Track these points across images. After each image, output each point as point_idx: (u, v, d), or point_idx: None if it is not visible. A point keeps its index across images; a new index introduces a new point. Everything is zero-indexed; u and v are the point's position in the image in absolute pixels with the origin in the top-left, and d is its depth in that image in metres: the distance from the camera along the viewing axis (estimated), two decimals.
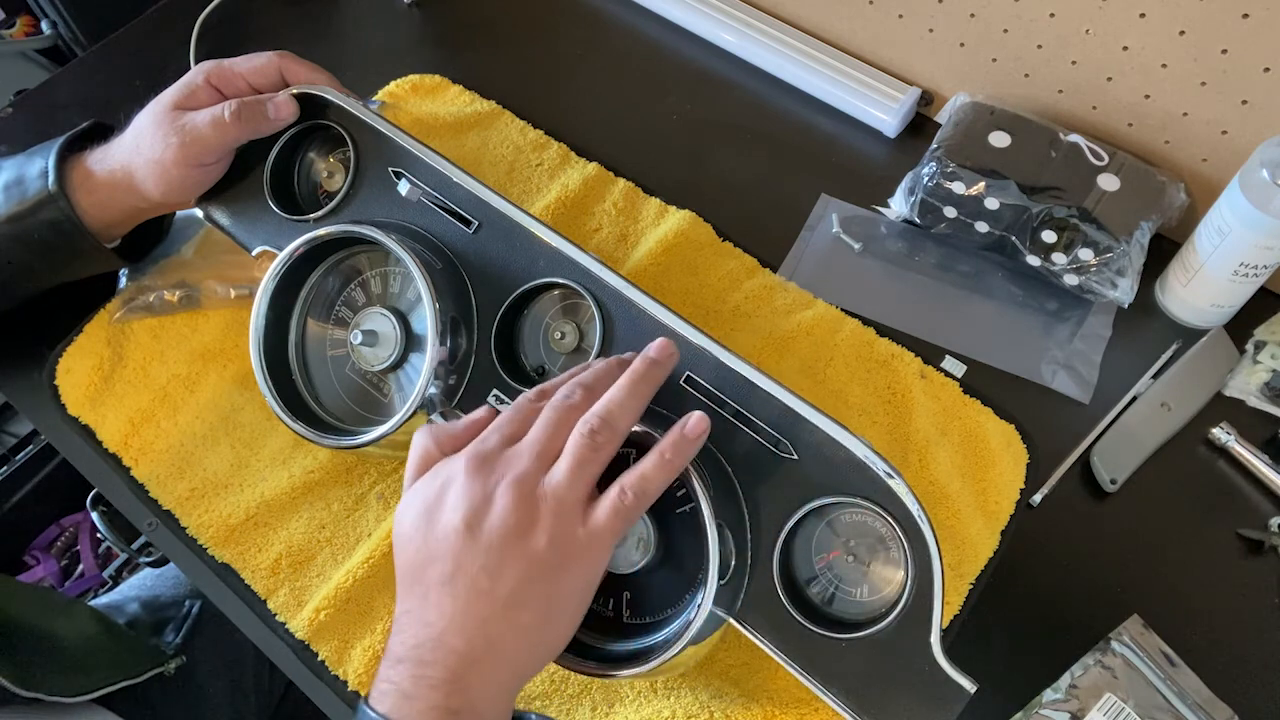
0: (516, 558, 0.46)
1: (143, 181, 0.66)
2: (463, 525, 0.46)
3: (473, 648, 0.46)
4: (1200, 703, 0.59)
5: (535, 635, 0.47)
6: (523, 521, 0.46)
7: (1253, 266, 0.70)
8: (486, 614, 0.46)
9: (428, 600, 0.47)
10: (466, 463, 0.48)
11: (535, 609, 0.47)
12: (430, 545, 0.47)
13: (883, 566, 0.54)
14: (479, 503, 0.46)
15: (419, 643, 0.46)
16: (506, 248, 0.62)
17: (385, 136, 0.66)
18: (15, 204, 0.67)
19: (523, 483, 0.47)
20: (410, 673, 0.46)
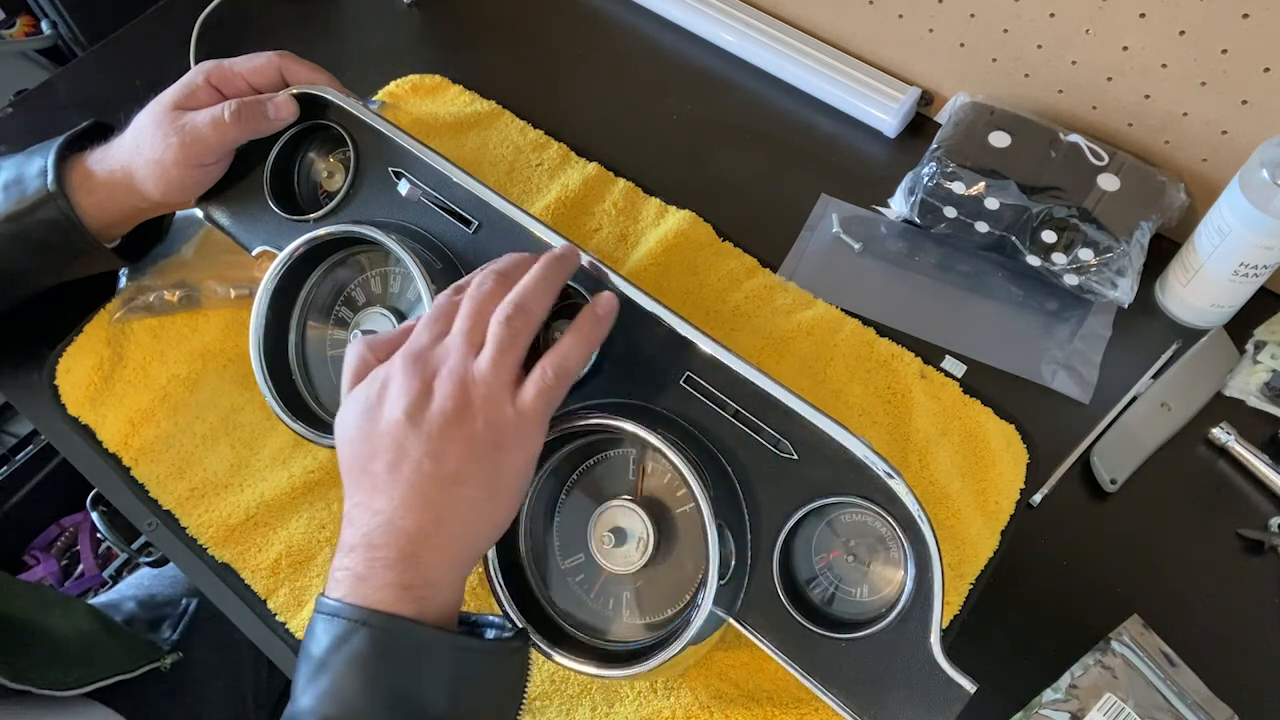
0: (457, 440, 0.49)
1: (142, 182, 0.66)
2: (405, 416, 0.49)
3: (422, 526, 0.48)
4: (1200, 703, 0.59)
5: (481, 509, 0.50)
6: (460, 407, 0.49)
7: (1253, 266, 0.70)
8: (434, 493, 0.48)
9: (376, 490, 0.49)
10: (403, 361, 0.51)
11: (479, 485, 0.49)
12: (375, 440, 0.49)
13: (883, 566, 0.54)
14: (418, 394, 0.49)
15: (370, 529, 0.48)
16: (506, 247, 0.62)
17: (385, 136, 0.66)
18: (14, 203, 0.67)
19: (456, 372, 0.50)
20: (364, 557, 0.48)
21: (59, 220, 0.67)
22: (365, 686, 0.46)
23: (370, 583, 0.47)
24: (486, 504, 0.50)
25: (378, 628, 0.46)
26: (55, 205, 0.66)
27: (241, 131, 0.65)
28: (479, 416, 0.49)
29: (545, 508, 0.59)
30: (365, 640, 0.46)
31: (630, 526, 0.55)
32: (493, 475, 0.50)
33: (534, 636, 0.55)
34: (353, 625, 0.46)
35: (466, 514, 0.49)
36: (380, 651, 0.46)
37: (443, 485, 0.48)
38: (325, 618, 0.47)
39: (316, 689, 0.46)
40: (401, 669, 0.46)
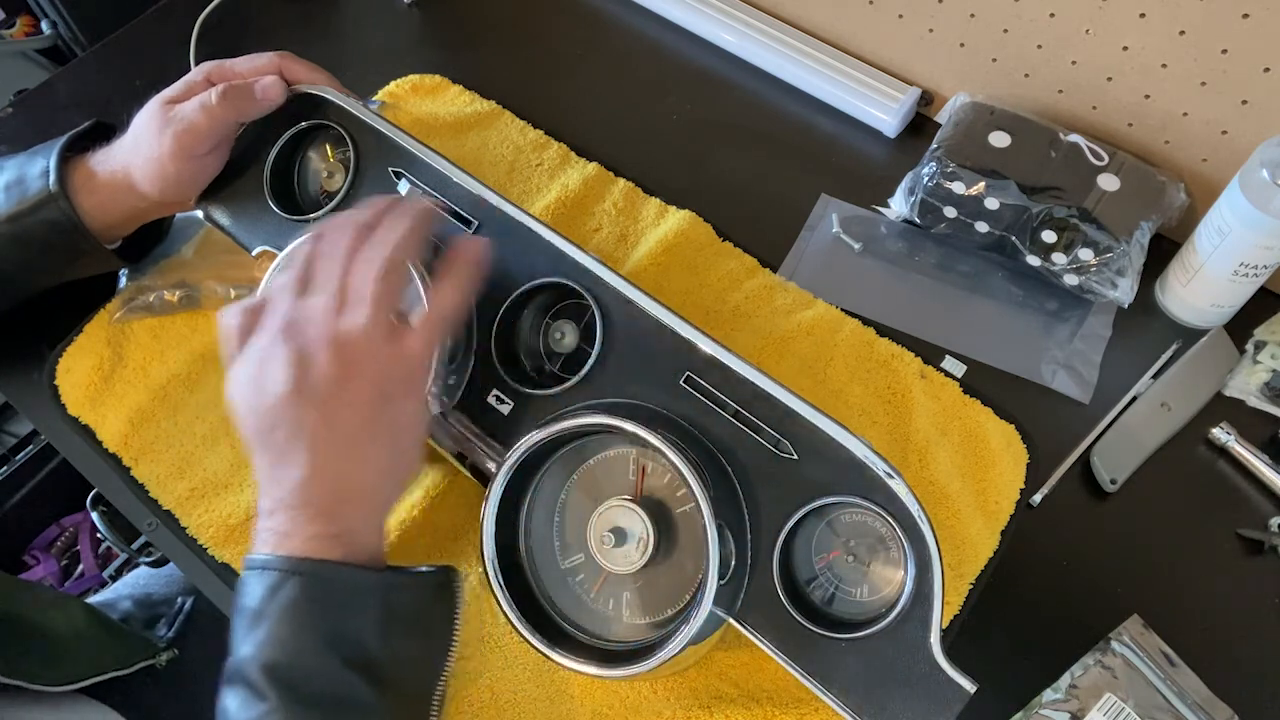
0: (346, 402, 0.50)
1: (141, 180, 0.66)
2: (291, 389, 0.50)
3: (334, 486, 0.50)
4: (1200, 703, 0.59)
5: (384, 461, 0.52)
6: (342, 369, 0.50)
7: (1253, 266, 0.70)
8: (336, 456, 0.50)
9: (283, 458, 0.51)
10: (277, 332, 0.52)
11: (378, 439, 0.52)
12: (269, 413, 0.51)
13: (882, 566, 0.54)
14: (298, 364, 0.50)
15: (285, 494, 0.50)
16: (506, 247, 0.62)
17: (385, 136, 0.66)
18: (15, 204, 0.67)
19: (333, 335, 0.51)
20: (285, 517, 0.50)
21: (60, 221, 0.66)
22: (302, 629, 0.48)
23: (295, 538, 0.50)
24: (388, 455, 0.52)
25: (308, 574, 0.49)
26: (56, 206, 0.66)
27: (228, 112, 0.64)
28: (363, 375, 0.51)
29: (545, 508, 0.59)
30: (298, 587, 0.49)
31: (630, 526, 0.55)
32: (389, 427, 0.52)
33: (534, 637, 0.55)
34: (284, 575, 0.49)
35: (371, 468, 0.52)
36: (313, 595, 0.49)
37: (343, 447, 0.50)
38: (257, 572, 0.49)
39: (255, 638, 0.48)
40: (334, 610, 0.49)
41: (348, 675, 0.49)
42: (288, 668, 0.48)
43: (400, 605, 0.51)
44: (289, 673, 0.48)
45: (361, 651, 0.49)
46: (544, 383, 0.61)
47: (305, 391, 0.50)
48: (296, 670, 0.48)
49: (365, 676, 0.49)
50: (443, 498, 0.67)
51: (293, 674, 0.48)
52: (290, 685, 0.48)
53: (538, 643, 0.55)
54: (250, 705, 0.48)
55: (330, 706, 0.48)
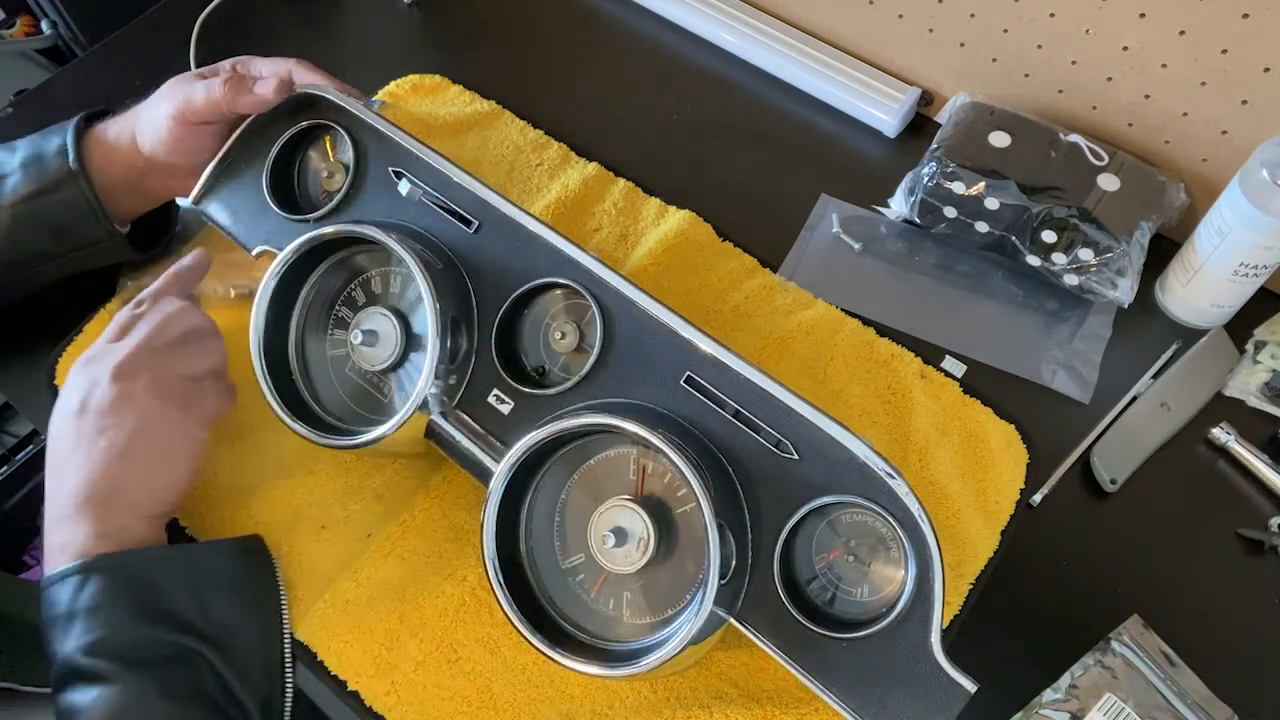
0: (116, 418, 0.57)
1: (140, 135, 0.69)
2: (77, 407, 0.58)
3: (99, 491, 0.56)
4: (1200, 703, 0.59)
5: (145, 477, 0.58)
6: (116, 393, 0.58)
7: (1253, 266, 0.70)
8: (104, 464, 0.57)
9: (63, 473, 0.57)
10: (76, 365, 0.60)
11: (139, 458, 0.58)
12: (60, 431, 0.59)
13: (883, 566, 0.54)
14: (86, 389, 0.58)
15: (57, 509, 0.57)
16: (507, 247, 0.62)
17: (386, 136, 0.66)
18: (35, 181, 0.68)
19: (115, 367, 0.59)
20: (60, 531, 0.56)
21: (77, 200, 0.68)
22: (114, 611, 0.53)
23: (72, 546, 0.55)
24: (145, 466, 0.58)
25: (103, 567, 0.54)
26: (75, 184, 0.68)
27: (225, 98, 0.66)
28: (128, 398, 0.58)
29: (546, 508, 0.59)
30: (99, 580, 0.54)
31: (631, 526, 0.55)
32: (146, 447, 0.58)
33: (534, 637, 0.55)
34: (83, 576, 0.54)
35: (133, 476, 0.58)
36: (115, 580, 0.54)
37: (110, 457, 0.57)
38: (56, 584, 0.54)
39: (74, 634, 0.53)
40: (138, 589, 0.54)
41: (168, 634, 0.54)
42: (113, 644, 0.53)
43: (205, 572, 0.57)
44: (116, 648, 0.53)
45: (176, 615, 0.54)
46: (544, 383, 0.61)
47: (84, 413, 0.58)
48: (119, 643, 0.53)
49: (188, 634, 0.54)
50: (443, 498, 0.67)
51: (120, 648, 0.53)
52: (120, 657, 0.52)
53: (538, 642, 0.55)
54: (88, 690, 0.52)
55: (164, 665, 0.53)
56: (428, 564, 0.65)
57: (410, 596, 0.64)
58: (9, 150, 0.70)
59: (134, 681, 0.52)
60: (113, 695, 0.51)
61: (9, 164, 0.69)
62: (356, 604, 0.64)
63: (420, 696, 0.61)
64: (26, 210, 0.68)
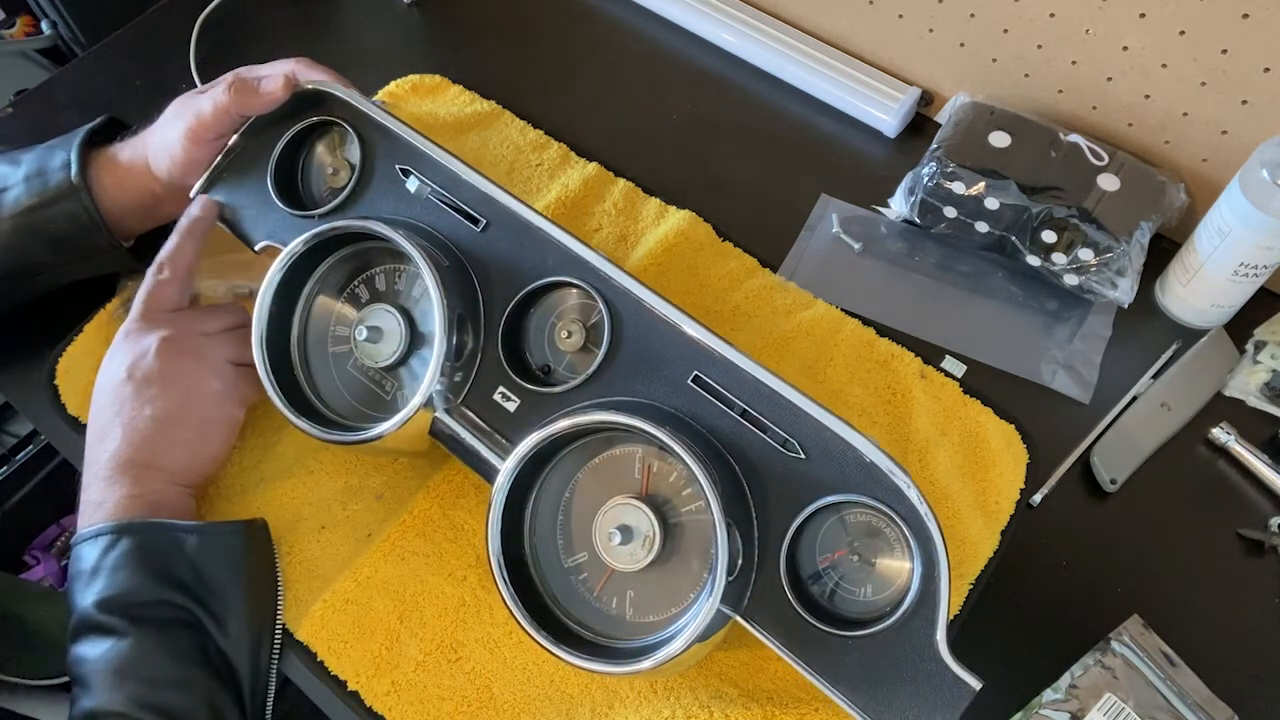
0: (162, 388, 0.62)
1: (154, 161, 0.69)
2: (124, 374, 0.62)
3: (140, 456, 0.60)
4: (1200, 703, 0.59)
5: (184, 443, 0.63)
6: (164, 365, 0.62)
7: (1253, 266, 0.70)
8: (149, 432, 0.61)
9: (106, 434, 0.61)
10: (120, 335, 0.64)
11: (185, 422, 0.62)
12: (106, 394, 0.62)
13: (889, 565, 0.54)
14: (134, 358, 0.62)
15: (98, 468, 0.60)
16: (514, 246, 0.62)
17: (393, 133, 0.66)
18: (37, 195, 0.68)
19: (163, 340, 0.63)
20: (97, 489, 0.60)
21: (79, 214, 0.68)
22: (135, 572, 0.57)
23: (107, 504, 0.59)
24: (181, 433, 0.62)
25: (134, 530, 0.58)
26: (77, 198, 0.68)
27: (232, 104, 0.66)
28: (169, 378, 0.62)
29: (550, 505, 0.59)
30: (128, 542, 0.57)
31: (636, 524, 0.55)
32: (184, 406, 0.62)
33: (539, 634, 0.55)
34: (115, 536, 0.58)
35: (173, 442, 0.62)
36: (142, 545, 0.58)
37: (149, 422, 0.61)
38: (89, 540, 0.58)
39: (94, 589, 0.57)
40: (160, 554, 0.58)
41: (180, 599, 0.57)
42: (127, 603, 0.56)
43: (218, 546, 0.60)
44: (128, 606, 0.56)
45: (188, 583, 0.58)
46: (550, 381, 0.61)
47: (129, 380, 0.61)
48: (134, 602, 0.57)
49: (195, 602, 0.58)
50: (444, 497, 0.67)
51: (131, 606, 0.56)
52: (132, 614, 0.56)
53: (542, 640, 0.55)
54: (99, 642, 0.56)
55: (172, 626, 0.57)
56: (428, 564, 0.65)
57: (410, 596, 0.64)
58: (14, 163, 0.70)
59: (143, 637, 0.56)
60: (122, 648, 0.55)
61: (12, 176, 0.69)
62: (356, 604, 0.64)
63: (420, 696, 0.61)
64: (27, 222, 0.68)
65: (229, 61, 0.73)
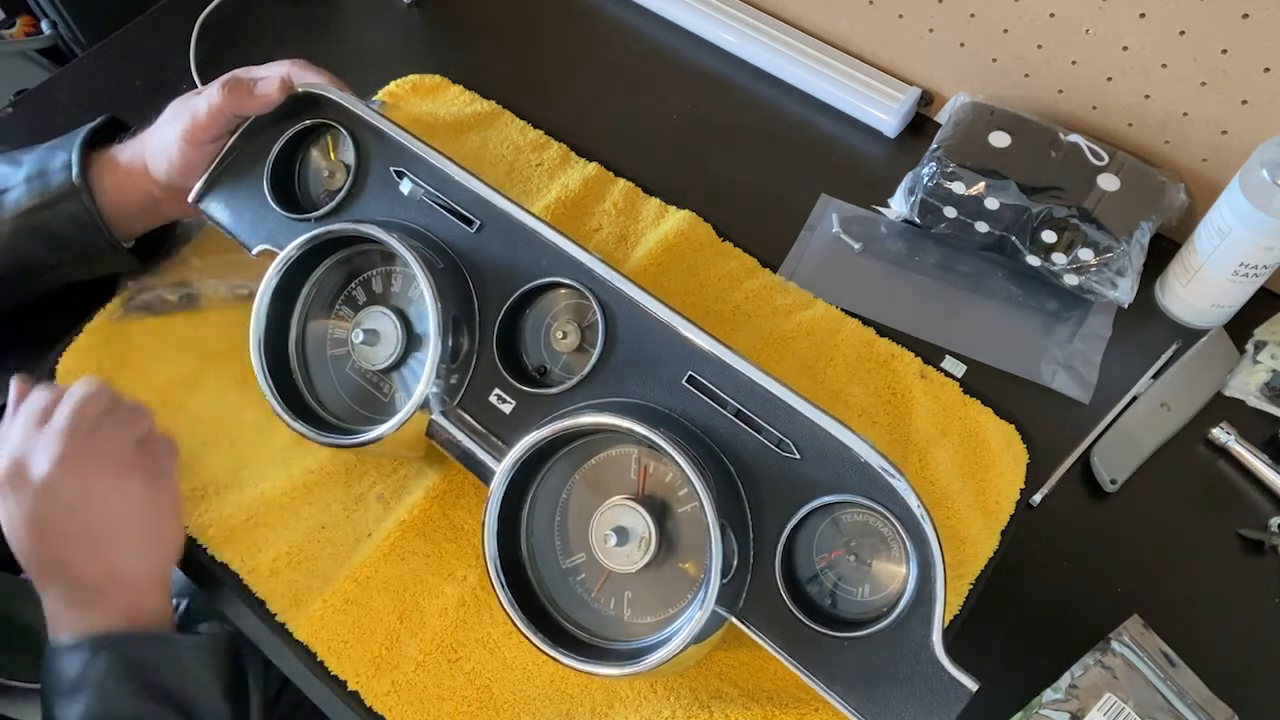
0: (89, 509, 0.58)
1: (152, 163, 0.68)
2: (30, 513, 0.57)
3: (99, 579, 0.57)
4: (1200, 703, 0.59)
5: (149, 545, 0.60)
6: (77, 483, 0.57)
7: (1253, 266, 0.70)
8: (100, 556, 0.58)
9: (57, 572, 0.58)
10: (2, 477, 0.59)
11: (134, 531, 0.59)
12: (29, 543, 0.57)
13: (885, 565, 0.54)
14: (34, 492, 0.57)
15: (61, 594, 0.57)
16: (509, 247, 0.62)
17: (387, 135, 0.66)
18: (38, 196, 0.68)
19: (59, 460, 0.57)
20: (68, 611, 0.57)
21: (80, 215, 0.68)
22: (120, 687, 0.55)
23: (87, 620, 0.56)
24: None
25: (116, 644, 0.56)
26: (78, 200, 0.68)
27: (226, 103, 0.66)
28: None
29: (547, 507, 0.59)
30: (109, 657, 0.55)
31: (632, 526, 0.55)
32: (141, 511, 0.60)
33: (536, 637, 0.55)
34: (95, 650, 0.55)
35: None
36: (125, 659, 0.56)
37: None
38: (66, 651, 0.56)
39: (79, 704, 0.55)
40: (143, 669, 0.56)
41: (163, 711, 0.56)
42: (111, 718, 0.54)
43: (194, 658, 0.59)
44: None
45: (170, 693, 0.56)
46: (546, 382, 0.61)
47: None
48: (118, 718, 0.55)
49: (179, 714, 0.56)
50: (443, 498, 0.67)
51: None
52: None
53: (539, 642, 0.55)
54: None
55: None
56: (428, 564, 0.65)
57: (410, 596, 0.64)
58: (14, 164, 0.70)
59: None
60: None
61: (13, 178, 0.69)
62: (356, 604, 0.64)
63: (420, 696, 0.61)
64: (28, 223, 0.68)
65: (229, 61, 0.73)
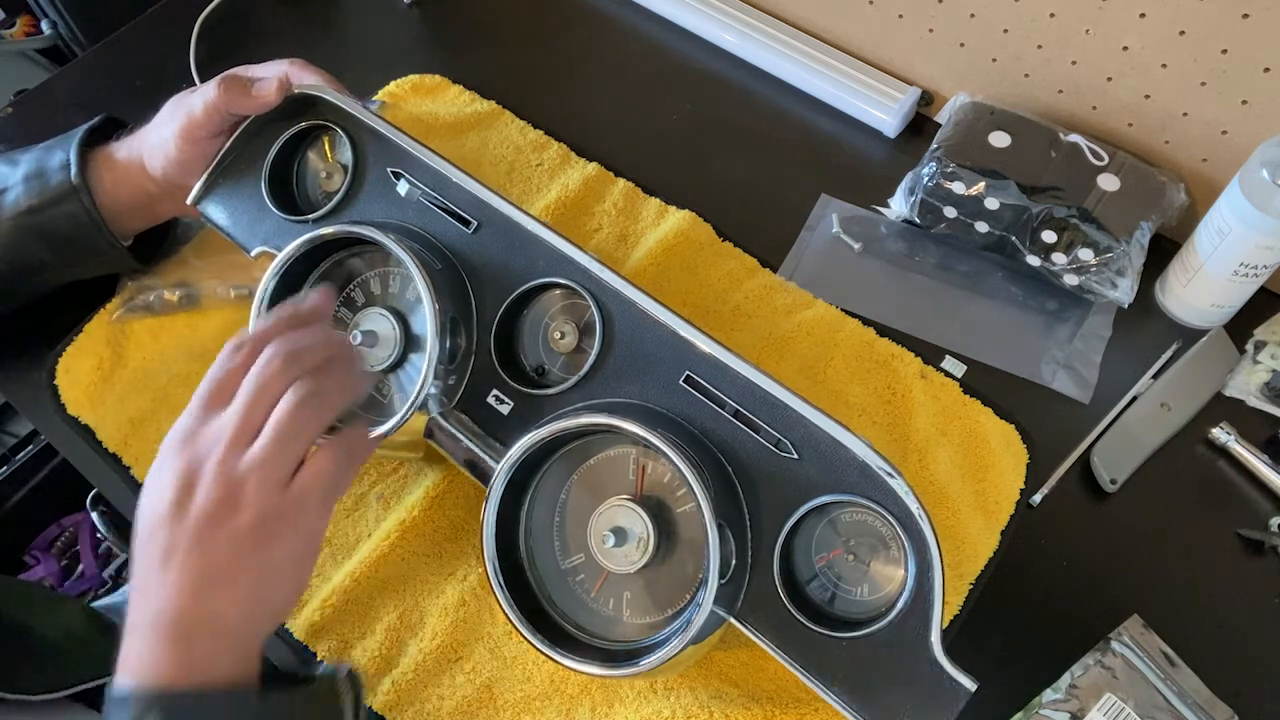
0: (224, 536, 0.47)
1: (149, 161, 0.68)
2: (170, 508, 0.47)
3: (194, 619, 0.46)
4: (1200, 703, 0.59)
5: (253, 604, 0.48)
6: (226, 501, 0.47)
7: (1253, 266, 0.70)
8: (200, 588, 0.47)
9: (150, 573, 0.47)
10: (171, 444, 0.49)
11: (247, 582, 0.47)
12: (150, 521, 0.48)
13: (883, 565, 0.54)
14: (182, 485, 0.47)
15: (146, 615, 0.47)
16: (506, 248, 0.62)
17: (384, 137, 0.66)
18: (36, 195, 0.68)
19: (222, 465, 0.47)
20: (140, 641, 0.47)
21: (79, 215, 0.68)
22: None
23: (147, 663, 0.46)
24: (257, 600, 0.48)
25: (164, 707, 0.45)
26: (77, 199, 0.68)
27: (224, 101, 0.66)
28: (245, 513, 0.47)
29: (545, 507, 0.59)
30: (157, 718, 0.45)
31: (630, 526, 0.55)
32: (263, 567, 0.48)
33: (535, 638, 0.55)
34: (144, 709, 0.45)
35: (237, 609, 0.48)
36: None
37: (207, 583, 0.47)
38: (116, 704, 0.46)
39: None
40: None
41: None
42: None
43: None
44: None
45: None
46: (544, 382, 0.61)
47: (181, 516, 0.47)
48: None
49: None
50: (443, 497, 0.67)
51: None
52: None
53: (538, 643, 0.55)
54: None
55: None
56: (428, 564, 0.65)
57: (410, 596, 0.64)
58: (12, 164, 0.70)
59: None
60: None
61: (11, 177, 0.69)
62: (357, 603, 0.64)
63: (420, 696, 0.61)
64: (27, 223, 0.68)
65: (229, 61, 0.73)
